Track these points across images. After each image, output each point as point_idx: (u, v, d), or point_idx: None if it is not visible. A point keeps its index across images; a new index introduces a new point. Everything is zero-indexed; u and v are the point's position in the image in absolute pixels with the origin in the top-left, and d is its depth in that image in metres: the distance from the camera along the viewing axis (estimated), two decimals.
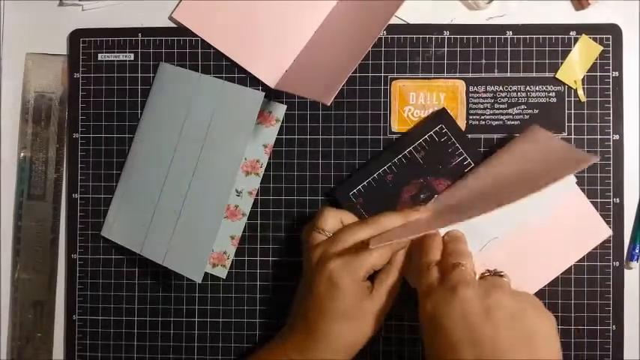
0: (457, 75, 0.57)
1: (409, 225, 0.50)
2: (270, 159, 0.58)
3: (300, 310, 0.51)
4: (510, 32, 0.57)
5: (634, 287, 0.56)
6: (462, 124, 0.56)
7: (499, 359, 0.41)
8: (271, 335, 0.54)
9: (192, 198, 0.55)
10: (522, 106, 0.56)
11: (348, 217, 0.52)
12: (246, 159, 0.57)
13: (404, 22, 0.57)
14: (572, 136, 0.56)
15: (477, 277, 0.47)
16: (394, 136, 0.57)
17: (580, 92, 0.56)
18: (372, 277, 0.50)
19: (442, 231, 0.53)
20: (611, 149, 0.56)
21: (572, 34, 0.56)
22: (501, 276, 0.46)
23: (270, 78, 0.57)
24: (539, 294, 0.55)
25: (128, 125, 0.59)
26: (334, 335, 0.48)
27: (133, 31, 0.59)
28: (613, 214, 0.56)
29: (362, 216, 0.55)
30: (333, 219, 0.52)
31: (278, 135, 0.57)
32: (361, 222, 0.51)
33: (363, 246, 0.49)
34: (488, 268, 0.48)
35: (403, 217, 0.51)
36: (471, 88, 0.57)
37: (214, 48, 0.58)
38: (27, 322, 0.59)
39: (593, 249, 0.55)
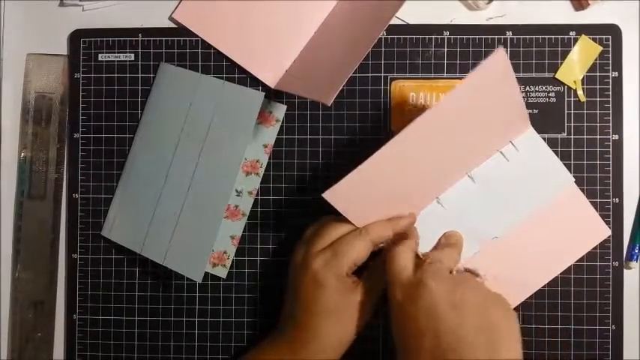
0: (457, 75, 0.57)
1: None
2: (270, 159, 0.58)
3: (290, 311, 0.51)
4: (510, 32, 0.57)
5: (633, 287, 0.56)
6: None
7: (459, 350, 0.42)
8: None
9: (193, 198, 0.55)
10: None
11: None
12: (246, 159, 0.58)
13: (404, 23, 0.57)
14: (572, 136, 0.56)
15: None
16: None
17: (580, 92, 0.56)
18: (360, 271, 0.50)
19: (438, 227, 0.53)
20: (611, 149, 0.56)
21: (572, 34, 0.56)
22: (477, 275, 0.47)
23: (270, 78, 0.57)
24: (539, 294, 0.55)
25: (128, 125, 0.59)
26: (323, 334, 0.49)
27: (133, 32, 0.59)
28: (612, 214, 0.56)
29: None
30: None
31: (278, 135, 0.58)
32: (341, 220, 0.51)
33: (343, 240, 0.49)
34: (469, 267, 0.49)
35: (390, 224, 0.51)
36: None
37: (214, 48, 0.58)
38: (27, 322, 0.59)
39: (593, 249, 0.55)
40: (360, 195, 0.48)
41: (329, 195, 0.47)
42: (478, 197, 0.53)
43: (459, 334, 0.43)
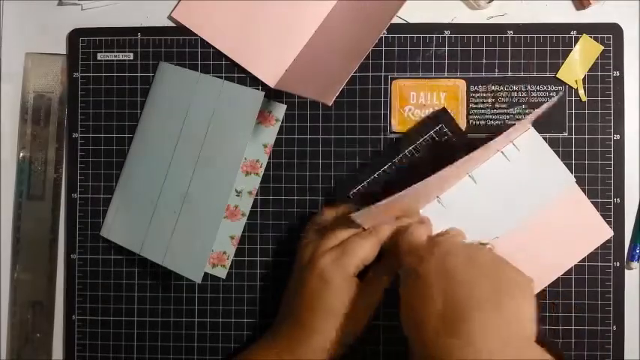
0: (458, 74, 0.57)
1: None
2: (270, 159, 0.57)
3: (289, 308, 0.51)
4: (511, 32, 0.56)
5: (634, 287, 0.56)
6: (462, 123, 0.56)
7: (467, 308, 0.41)
8: None
9: (192, 198, 0.55)
10: (523, 106, 0.56)
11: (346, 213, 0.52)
12: (246, 159, 0.57)
13: (404, 22, 0.57)
14: (573, 136, 0.56)
15: None
16: (394, 136, 0.57)
17: (581, 92, 0.56)
18: (362, 275, 0.50)
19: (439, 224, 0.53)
20: (612, 149, 0.56)
21: (573, 33, 0.56)
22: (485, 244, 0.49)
23: (270, 77, 0.57)
24: (540, 294, 0.55)
25: (127, 125, 0.58)
26: (323, 332, 0.49)
27: (132, 31, 0.58)
28: (614, 214, 0.55)
29: None
30: (330, 216, 0.53)
31: (278, 135, 0.57)
32: (348, 219, 0.50)
33: (352, 240, 0.49)
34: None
35: (396, 223, 0.51)
36: (471, 88, 0.56)
37: (214, 47, 0.58)
38: (26, 323, 0.58)
39: (594, 249, 0.55)
40: (374, 208, 0.49)
41: (356, 218, 0.48)
42: (479, 197, 0.53)
43: (471, 289, 0.42)
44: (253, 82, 0.57)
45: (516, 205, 0.53)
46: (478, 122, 0.56)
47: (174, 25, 0.59)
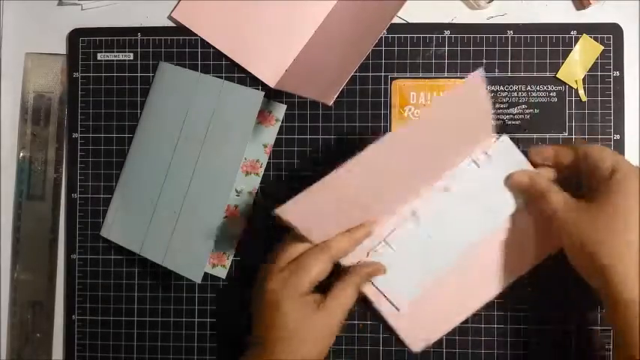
0: (458, 75, 0.57)
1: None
2: (270, 159, 0.57)
3: (254, 330, 0.50)
4: (511, 32, 0.56)
5: None
6: None
7: None
8: None
9: (192, 198, 0.55)
10: (523, 106, 0.56)
11: None
12: (246, 159, 0.57)
13: (404, 22, 0.57)
14: (573, 136, 0.56)
15: None
16: None
17: (581, 92, 0.56)
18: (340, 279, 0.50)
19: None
20: (612, 149, 0.56)
21: (573, 33, 0.56)
22: None
23: (270, 77, 0.57)
24: (540, 294, 0.55)
25: (127, 125, 0.58)
26: (282, 356, 0.47)
27: (132, 31, 0.58)
28: None
29: None
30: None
31: (278, 135, 0.57)
32: (300, 237, 0.49)
33: (302, 258, 0.48)
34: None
35: (349, 235, 0.50)
36: None
37: (214, 47, 0.58)
38: (26, 323, 0.58)
39: None
40: (318, 210, 0.47)
41: (281, 212, 0.46)
42: (452, 206, 0.52)
43: None
44: (253, 82, 0.57)
45: (491, 211, 0.53)
46: None
47: (174, 25, 0.59)
